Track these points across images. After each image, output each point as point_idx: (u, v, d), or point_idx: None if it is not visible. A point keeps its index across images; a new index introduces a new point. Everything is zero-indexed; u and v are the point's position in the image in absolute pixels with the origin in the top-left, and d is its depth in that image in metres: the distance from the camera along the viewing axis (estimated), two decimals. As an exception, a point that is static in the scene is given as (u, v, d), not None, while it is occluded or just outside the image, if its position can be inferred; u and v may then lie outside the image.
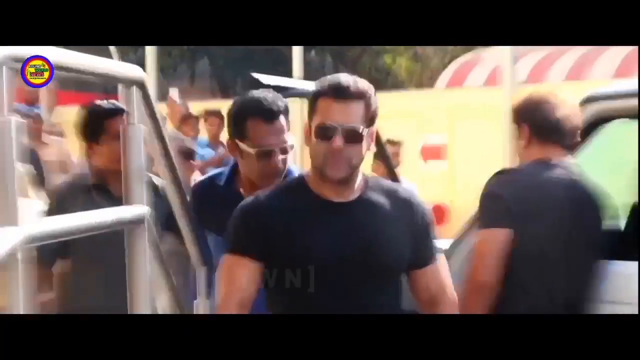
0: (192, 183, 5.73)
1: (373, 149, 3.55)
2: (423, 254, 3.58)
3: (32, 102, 15.24)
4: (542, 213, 4.11)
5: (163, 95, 14.20)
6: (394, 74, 25.84)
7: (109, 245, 3.47)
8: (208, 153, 11.97)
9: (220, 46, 30.66)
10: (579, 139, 4.36)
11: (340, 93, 3.42)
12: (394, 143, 11.13)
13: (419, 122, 13.97)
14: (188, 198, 3.70)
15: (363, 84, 3.47)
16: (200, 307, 3.89)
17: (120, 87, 2.91)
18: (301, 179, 3.55)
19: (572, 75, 17.07)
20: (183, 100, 14.21)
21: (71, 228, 2.45)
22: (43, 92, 15.89)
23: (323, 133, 3.42)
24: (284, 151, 4.00)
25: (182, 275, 4.03)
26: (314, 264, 3.43)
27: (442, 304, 3.60)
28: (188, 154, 8.86)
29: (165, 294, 3.29)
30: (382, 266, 3.50)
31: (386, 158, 5.26)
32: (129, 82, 2.84)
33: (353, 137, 3.42)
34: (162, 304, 3.44)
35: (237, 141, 3.97)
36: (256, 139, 3.94)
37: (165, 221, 4.13)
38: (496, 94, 12.44)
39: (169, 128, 11.68)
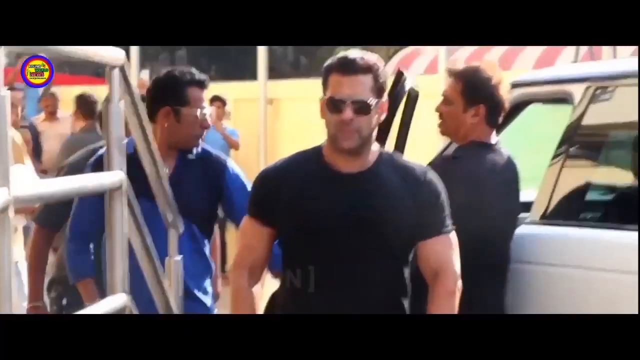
0: None
1: (381, 120, 3.39)
2: (425, 227, 3.36)
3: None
4: (492, 196, 4.01)
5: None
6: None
7: None
8: (211, 136, 11.45)
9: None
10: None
11: (347, 67, 3.32)
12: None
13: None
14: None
15: (370, 58, 3.36)
16: (172, 264, 3.84)
17: (106, 69, 2.90)
18: (319, 150, 3.42)
19: (499, 65, 17.10)
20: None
21: (56, 191, 2.42)
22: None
23: (333, 106, 3.31)
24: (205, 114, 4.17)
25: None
26: (319, 231, 3.32)
27: (439, 279, 3.31)
28: None
29: (140, 252, 3.23)
30: (384, 234, 3.33)
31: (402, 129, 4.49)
32: (112, 65, 2.84)
33: (362, 109, 3.29)
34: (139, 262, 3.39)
35: (177, 107, 4.11)
36: (194, 102, 4.14)
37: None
38: (434, 81, 12.43)
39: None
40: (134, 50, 15.40)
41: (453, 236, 3.39)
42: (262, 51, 14.51)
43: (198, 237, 4.15)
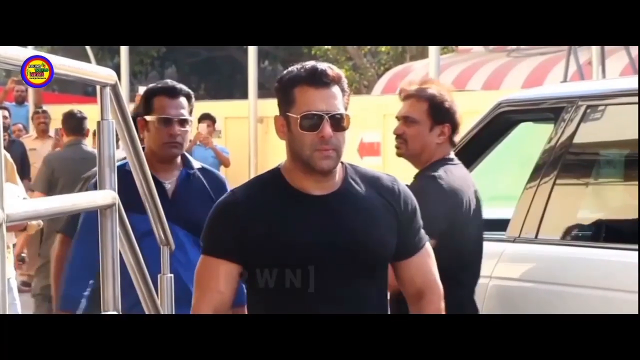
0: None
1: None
2: (408, 244, 3.06)
3: (22, 101, 15.14)
4: (465, 211, 4.02)
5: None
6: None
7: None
8: (200, 153, 11.48)
9: (186, 55, 30.51)
10: None
11: (319, 79, 2.95)
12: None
13: (356, 123, 14.04)
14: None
15: (337, 70, 3.02)
16: (164, 280, 3.85)
17: (97, 88, 2.91)
18: (277, 173, 3.06)
19: (487, 84, 17.17)
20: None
21: (48, 209, 2.43)
22: (30, 93, 15.80)
23: (309, 122, 2.93)
24: (182, 123, 4.14)
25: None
26: (297, 262, 2.94)
27: (427, 297, 3.06)
28: None
29: (133, 270, 3.24)
30: (368, 258, 2.99)
31: None
32: (104, 84, 2.85)
33: (340, 124, 2.95)
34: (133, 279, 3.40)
35: (145, 117, 4.19)
36: (160, 109, 4.17)
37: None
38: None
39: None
40: (124, 68, 15.43)
41: (429, 246, 3.13)
42: (252, 70, 14.55)
43: None
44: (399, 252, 3.05)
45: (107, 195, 2.74)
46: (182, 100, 4.22)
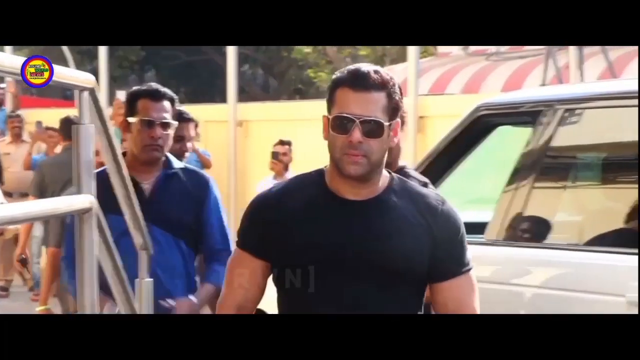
0: None
1: (395, 143, 2.92)
2: (443, 266, 2.92)
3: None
4: None
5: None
6: (316, 85, 25.86)
7: None
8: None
9: (165, 59, 30.47)
10: None
11: (359, 82, 2.84)
12: (284, 143, 11.08)
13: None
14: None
15: (384, 73, 2.88)
16: (142, 285, 3.85)
17: (75, 92, 2.91)
18: (319, 174, 2.98)
19: (466, 88, 17.22)
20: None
21: (25, 214, 2.42)
22: (8, 97, 15.76)
23: (340, 125, 2.84)
24: (164, 126, 4.19)
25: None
26: (320, 264, 2.87)
27: None
28: None
29: (111, 274, 3.24)
30: (393, 272, 2.88)
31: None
32: (82, 88, 2.85)
33: (373, 130, 2.83)
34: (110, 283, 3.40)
35: (127, 119, 4.22)
36: (143, 112, 4.19)
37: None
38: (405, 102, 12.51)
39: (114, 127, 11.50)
40: (103, 72, 15.41)
41: (473, 276, 2.98)
42: (231, 73, 14.54)
43: (185, 253, 4.20)
44: (433, 273, 2.93)
45: (84, 200, 2.73)
46: (166, 103, 4.24)
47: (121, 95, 14.41)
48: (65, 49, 18.02)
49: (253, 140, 14.35)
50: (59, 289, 5.57)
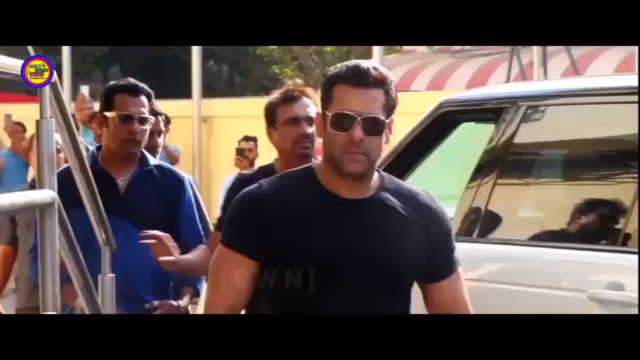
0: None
1: (390, 141, 2.91)
2: (439, 266, 2.93)
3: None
4: None
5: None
6: (281, 82, 25.87)
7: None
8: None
9: (130, 55, 30.34)
10: None
11: (359, 79, 2.81)
12: (249, 139, 11.03)
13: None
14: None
15: (383, 70, 2.86)
16: (105, 280, 3.84)
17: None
18: (310, 171, 2.92)
19: (432, 85, 17.28)
20: (92, 101, 13.99)
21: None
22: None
23: (341, 122, 2.80)
24: (142, 121, 4.18)
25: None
26: (317, 264, 2.81)
27: None
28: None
29: (73, 269, 3.23)
30: (391, 272, 2.86)
31: None
32: (43, 83, 2.84)
33: (373, 128, 2.81)
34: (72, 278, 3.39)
35: (104, 113, 4.21)
36: (120, 107, 4.18)
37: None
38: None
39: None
40: (66, 67, 15.32)
41: (461, 270, 3.00)
42: (196, 69, 14.51)
43: None
44: (429, 274, 2.93)
45: (46, 195, 2.73)
46: (143, 99, 4.25)
47: (85, 90, 14.35)
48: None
49: (218, 136, 14.34)
50: (18, 283, 5.45)
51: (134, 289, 4.12)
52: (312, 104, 4.11)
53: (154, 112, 4.63)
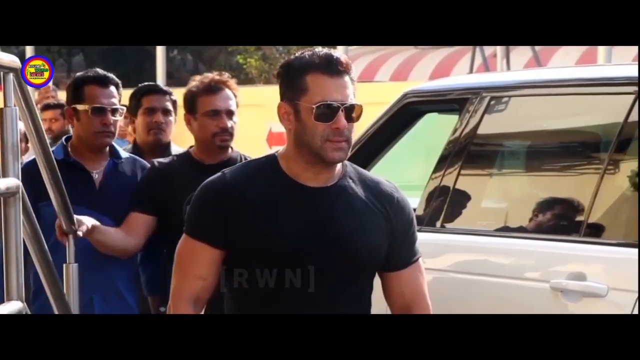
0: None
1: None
2: (401, 255, 2.94)
3: None
4: None
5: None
6: (245, 71, 25.80)
7: None
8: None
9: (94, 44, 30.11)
10: None
11: (334, 68, 2.83)
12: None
13: (266, 113, 14.01)
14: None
15: (346, 57, 2.90)
16: (70, 269, 3.82)
17: (0, 74, 2.87)
18: (273, 160, 2.91)
19: (395, 76, 17.30)
20: (57, 89, 13.84)
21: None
22: None
23: (324, 113, 2.80)
24: (114, 112, 4.17)
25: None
26: (281, 253, 2.81)
27: (414, 313, 2.92)
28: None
29: (37, 258, 3.20)
30: (355, 261, 2.86)
31: None
32: (6, 70, 2.81)
33: (353, 115, 2.84)
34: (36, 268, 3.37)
35: (75, 106, 4.17)
36: (91, 98, 4.15)
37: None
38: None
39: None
40: (30, 55, 15.21)
41: (422, 262, 3.02)
42: (160, 58, 14.44)
43: None
44: (390, 263, 2.93)
45: (10, 183, 2.70)
46: (113, 89, 4.23)
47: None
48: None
49: (181, 125, 14.29)
50: None
51: (112, 282, 4.11)
52: (233, 97, 4.11)
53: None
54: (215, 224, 2.84)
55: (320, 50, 2.88)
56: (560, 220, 4.00)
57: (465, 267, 4.18)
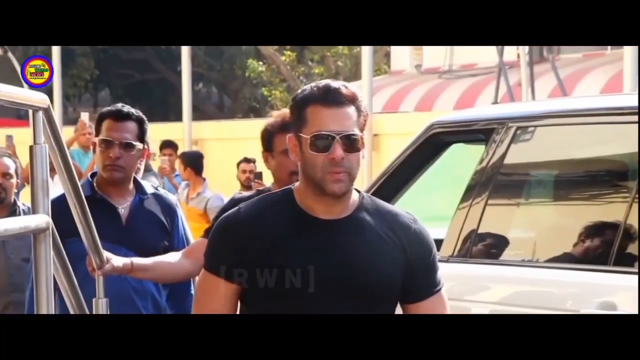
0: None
1: (364, 157, 2.86)
2: (418, 287, 2.88)
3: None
4: None
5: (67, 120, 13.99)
6: (270, 103, 25.90)
7: None
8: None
9: (119, 78, 30.33)
10: None
11: (333, 98, 2.80)
12: (249, 160, 10.99)
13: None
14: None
15: (351, 88, 2.85)
16: (99, 304, 3.83)
17: (30, 112, 2.89)
18: (289, 193, 2.89)
19: (419, 106, 17.30)
20: (92, 126, 13.94)
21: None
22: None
23: (319, 143, 2.78)
24: (124, 147, 4.17)
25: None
26: (292, 287, 2.77)
27: None
28: None
29: (67, 294, 3.22)
30: (369, 293, 2.81)
31: None
32: (36, 108, 2.83)
33: (352, 145, 2.79)
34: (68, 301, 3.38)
35: (94, 139, 4.26)
36: (104, 132, 4.19)
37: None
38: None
39: (75, 148, 11.36)
40: (57, 91, 15.33)
41: (444, 294, 2.94)
42: (186, 92, 14.53)
43: None
44: (409, 294, 2.88)
45: (40, 220, 2.72)
46: (130, 124, 4.21)
47: (85, 116, 14.34)
48: (16, 65, 17.91)
49: (208, 158, 14.33)
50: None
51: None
52: None
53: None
54: (228, 259, 2.84)
55: (321, 82, 2.86)
56: (589, 249, 3.98)
57: (494, 298, 4.16)
